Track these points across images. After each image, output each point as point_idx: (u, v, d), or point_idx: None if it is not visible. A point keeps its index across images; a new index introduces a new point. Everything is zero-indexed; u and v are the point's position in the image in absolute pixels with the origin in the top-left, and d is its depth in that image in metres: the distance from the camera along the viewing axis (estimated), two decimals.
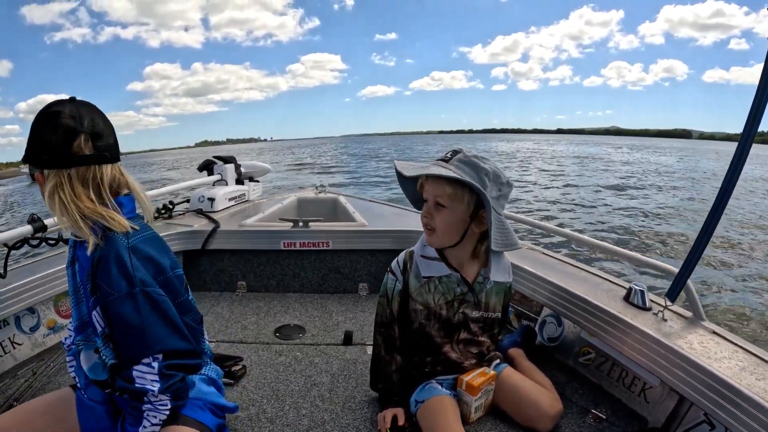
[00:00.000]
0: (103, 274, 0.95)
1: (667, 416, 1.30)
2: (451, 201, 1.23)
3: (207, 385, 1.19)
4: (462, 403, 1.34)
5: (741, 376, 1.10)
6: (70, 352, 1.16)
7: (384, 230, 2.47)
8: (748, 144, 1.17)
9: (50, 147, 0.95)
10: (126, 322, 0.95)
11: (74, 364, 1.15)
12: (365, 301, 2.38)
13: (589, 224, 9.65)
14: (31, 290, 1.69)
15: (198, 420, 1.10)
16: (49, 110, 0.96)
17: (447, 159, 1.24)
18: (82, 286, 1.04)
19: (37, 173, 1.01)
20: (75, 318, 1.09)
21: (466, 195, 1.23)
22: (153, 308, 0.98)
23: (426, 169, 1.24)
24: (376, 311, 1.43)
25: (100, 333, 1.00)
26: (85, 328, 1.07)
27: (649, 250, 7.22)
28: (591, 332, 1.53)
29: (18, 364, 1.67)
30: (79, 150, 0.97)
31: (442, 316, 1.36)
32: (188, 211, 2.95)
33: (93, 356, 1.07)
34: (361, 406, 1.46)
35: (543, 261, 1.95)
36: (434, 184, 1.25)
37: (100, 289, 0.96)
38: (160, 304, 1.00)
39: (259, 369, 1.69)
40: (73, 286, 1.09)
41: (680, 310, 1.45)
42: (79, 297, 1.06)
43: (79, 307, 1.07)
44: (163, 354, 0.99)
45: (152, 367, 0.98)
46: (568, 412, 1.40)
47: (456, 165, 1.22)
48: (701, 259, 1.32)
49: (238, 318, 2.17)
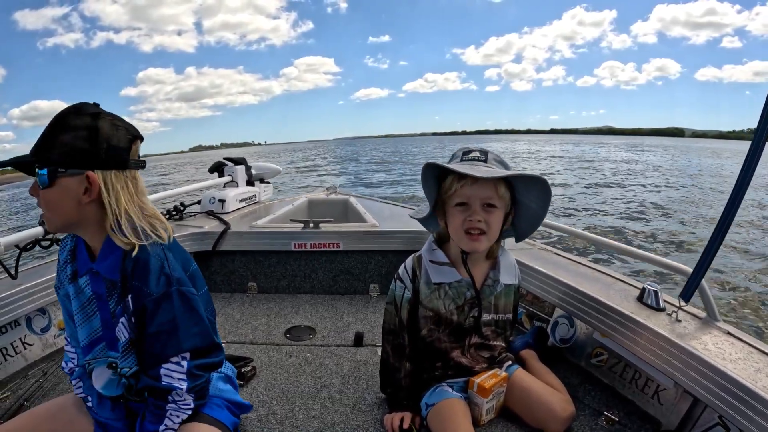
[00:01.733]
0: (142, 275, 0.98)
1: (681, 419, 1.29)
2: (501, 200, 1.23)
3: (224, 383, 1.22)
4: (473, 405, 1.34)
5: (756, 378, 1.08)
6: (74, 375, 1.15)
7: (395, 231, 2.47)
8: (762, 143, 1.15)
9: (117, 149, 0.96)
10: (161, 321, 0.98)
11: (82, 386, 1.13)
12: (376, 302, 2.38)
13: (594, 224, 9.60)
14: (42, 291, 1.71)
15: (216, 418, 1.11)
16: (104, 113, 0.96)
17: (482, 159, 1.24)
18: (96, 299, 1.04)
19: (90, 172, 0.94)
20: (84, 336, 1.06)
21: (507, 193, 1.24)
22: (187, 307, 1.01)
23: (488, 172, 1.19)
24: (384, 318, 1.42)
25: (122, 344, 1.01)
26: (95, 345, 1.06)
27: (662, 250, 7.14)
28: (604, 333, 1.51)
29: (29, 365, 1.69)
30: (134, 154, 1.00)
31: (453, 322, 1.34)
32: (199, 212, 2.97)
33: (106, 373, 1.07)
34: (371, 407, 1.46)
35: (555, 261, 1.94)
36: (484, 185, 1.21)
37: (135, 291, 0.98)
38: (192, 302, 1.03)
39: (270, 370, 1.69)
40: (78, 303, 1.06)
41: (694, 310, 1.43)
42: (89, 312, 1.05)
43: (89, 322, 1.05)
44: (191, 353, 1.02)
45: (181, 366, 1.01)
46: (580, 415, 1.39)
47: (496, 164, 1.24)
48: (715, 258, 1.30)
49: (248, 319, 2.17)
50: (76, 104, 0.96)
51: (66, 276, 1.07)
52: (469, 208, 1.23)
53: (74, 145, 0.92)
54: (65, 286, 1.07)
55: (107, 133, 0.95)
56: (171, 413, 1.03)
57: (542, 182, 1.21)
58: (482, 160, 1.24)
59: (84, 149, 0.93)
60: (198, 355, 1.04)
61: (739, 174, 1.20)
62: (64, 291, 1.08)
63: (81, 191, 0.94)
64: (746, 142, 1.24)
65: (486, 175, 1.16)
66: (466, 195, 1.23)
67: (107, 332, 1.05)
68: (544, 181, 1.20)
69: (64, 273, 1.08)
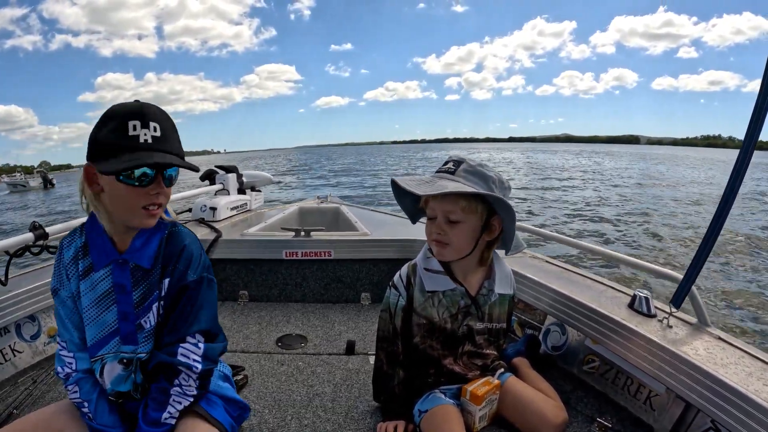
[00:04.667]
0: (187, 260, 1.08)
1: (673, 424, 1.29)
2: (465, 214, 1.22)
3: (223, 381, 1.26)
4: (466, 413, 1.33)
5: (748, 382, 1.09)
6: (71, 380, 1.09)
7: (386, 239, 2.46)
8: (750, 151, 1.17)
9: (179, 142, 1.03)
10: (192, 302, 1.08)
11: (78, 390, 1.09)
12: (368, 310, 2.37)
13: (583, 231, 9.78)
14: (31, 298, 1.69)
15: (215, 417, 1.13)
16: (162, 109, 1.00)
17: (452, 171, 1.23)
18: (117, 291, 1.05)
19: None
20: (93, 334, 1.06)
21: (479, 206, 1.22)
22: (211, 292, 1.13)
23: (440, 186, 1.18)
24: (378, 326, 1.42)
25: (147, 330, 1.07)
26: (108, 340, 1.07)
27: (651, 257, 7.22)
28: (595, 340, 1.52)
29: (18, 372, 1.66)
30: None
31: (446, 330, 1.34)
32: (190, 220, 2.95)
33: (117, 368, 1.08)
34: (364, 416, 1.44)
35: (546, 269, 1.94)
36: (445, 199, 1.22)
37: (177, 275, 1.07)
38: (215, 288, 1.15)
39: (261, 379, 1.67)
40: (90, 299, 1.05)
41: (685, 316, 1.44)
42: (103, 306, 1.06)
43: (102, 318, 1.06)
44: (205, 335, 1.10)
45: (198, 348, 1.08)
46: (573, 421, 1.39)
47: (464, 176, 1.21)
48: (704, 265, 1.31)
49: (239, 327, 2.15)
50: (146, 102, 0.99)
51: (75, 273, 1.06)
52: (436, 220, 1.26)
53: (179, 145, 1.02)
54: (71, 284, 1.07)
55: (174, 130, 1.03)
56: (174, 399, 1.05)
57: (482, 196, 1.21)
58: (451, 171, 1.23)
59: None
60: (210, 338, 1.11)
61: (728, 182, 1.21)
62: (67, 291, 1.07)
63: None
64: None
65: (430, 191, 1.18)
66: (432, 207, 1.27)
67: (125, 325, 1.06)
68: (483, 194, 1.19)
69: (71, 271, 1.07)
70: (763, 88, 1.09)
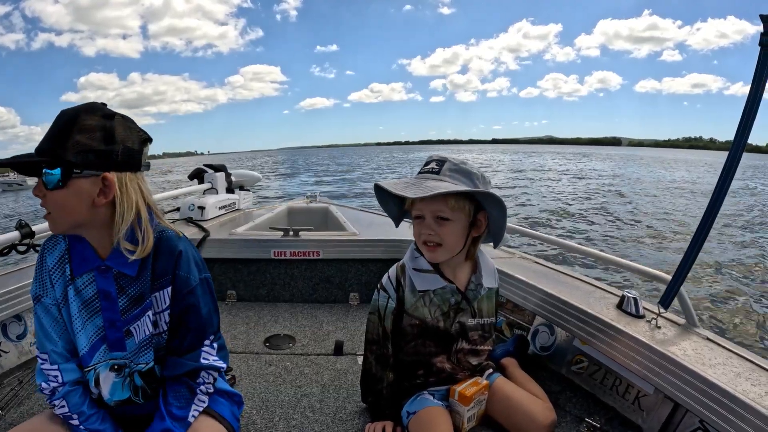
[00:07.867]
0: (185, 265, 1.05)
1: (661, 424, 1.29)
2: (454, 212, 1.22)
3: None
4: (454, 414, 1.32)
5: (736, 382, 1.09)
6: (57, 395, 1.03)
7: (375, 239, 2.46)
8: (739, 153, 1.18)
9: (132, 150, 0.96)
10: (197, 306, 1.06)
11: (66, 404, 1.03)
12: (356, 310, 2.35)
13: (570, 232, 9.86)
14: (18, 297, 1.65)
15: (218, 413, 1.13)
16: (116, 114, 0.96)
17: (436, 170, 1.22)
18: (102, 298, 1.01)
19: (107, 174, 0.93)
20: (84, 342, 1.02)
21: (467, 203, 1.22)
22: (211, 292, 1.12)
23: (429, 187, 1.17)
24: (367, 328, 1.40)
25: (142, 340, 1.03)
26: (96, 348, 1.03)
27: (640, 258, 7.29)
28: (584, 340, 1.52)
29: (4, 373, 1.62)
30: (145, 156, 1.02)
31: (439, 329, 1.33)
32: (178, 219, 2.93)
33: (110, 375, 1.05)
34: (352, 417, 1.43)
35: (534, 270, 1.95)
36: (433, 199, 1.20)
37: (180, 280, 1.04)
38: (213, 287, 1.13)
39: (249, 379, 1.65)
40: (77, 306, 1.01)
41: (674, 317, 1.44)
42: (90, 312, 1.02)
43: (90, 324, 1.02)
44: (215, 334, 1.12)
45: (213, 347, 1.10)
46: (561, 422, 1.39)
47: (450, 175, 1.21)
48: (693, 266, 1.32)
49: (227, 327, 2.13)
50: (86, 104, 0.95)
51: (61, 278, 1.02)
52: (424, 220, 1.25)
53: (90, 145, 0.90)
54: (55, 290, 1.02)
55: (122, 135, 0.95)
56: (198, 399, 1.07)
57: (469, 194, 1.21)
58: (435, 171, 1.22)
59: (100, 150, 0.91)
60: (218, 337, 1.14)
61: (717, 182, 1.22)
62: (51, 298, 1.02)
63: (95, 192, 0.93)
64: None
65: (421, 193, 1.16)
66: (419, 208, 1.26)
67: (112, 332, 1.02)
68: (473, 192, 1.20)
69: (55, 276, 1.02)
70: (752, 91, 1.10)
